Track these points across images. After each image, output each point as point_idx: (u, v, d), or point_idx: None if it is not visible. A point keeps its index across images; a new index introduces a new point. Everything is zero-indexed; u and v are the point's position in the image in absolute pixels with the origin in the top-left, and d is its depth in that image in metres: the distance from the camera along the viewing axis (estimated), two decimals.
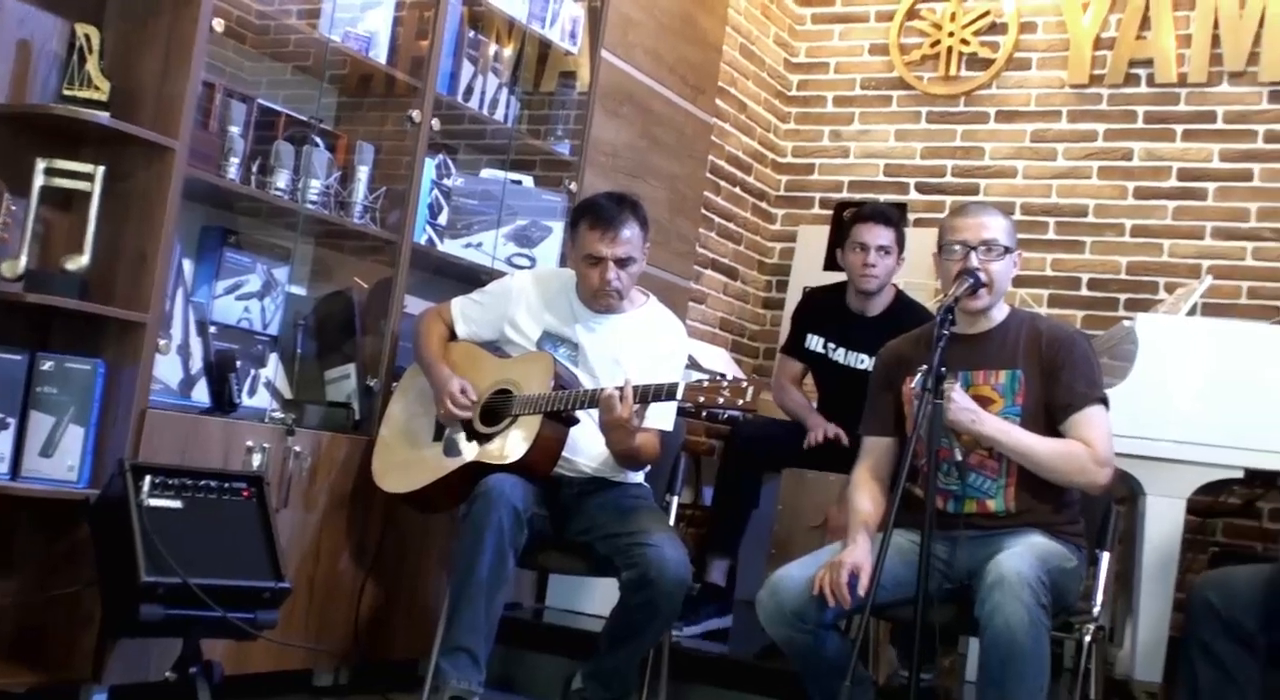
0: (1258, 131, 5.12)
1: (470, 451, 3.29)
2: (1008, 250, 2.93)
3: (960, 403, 2.77)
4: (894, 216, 4.16)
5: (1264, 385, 3.65)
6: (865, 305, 4.20)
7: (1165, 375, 3.69)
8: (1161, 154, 5.26)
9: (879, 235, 4.10)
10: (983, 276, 2.88)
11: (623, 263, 3.32)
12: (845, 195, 5.76)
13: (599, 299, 3.37)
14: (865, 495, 2.99)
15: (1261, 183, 5.09)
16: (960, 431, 2.84)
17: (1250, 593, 2.65)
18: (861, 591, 2.70)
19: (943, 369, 2.66)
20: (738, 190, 5.66)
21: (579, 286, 3.41)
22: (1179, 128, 5.24)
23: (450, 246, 3.99)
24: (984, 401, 2.89)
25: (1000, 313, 3.01)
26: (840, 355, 4.26)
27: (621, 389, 3.08)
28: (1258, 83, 5.13)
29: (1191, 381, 3.68)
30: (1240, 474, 3.64)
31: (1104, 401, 2.89)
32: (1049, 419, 2.89)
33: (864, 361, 4.16)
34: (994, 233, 2.92)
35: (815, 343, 4.32)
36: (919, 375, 2.72)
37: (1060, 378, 2.88)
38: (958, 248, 2.92)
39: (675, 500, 3.53)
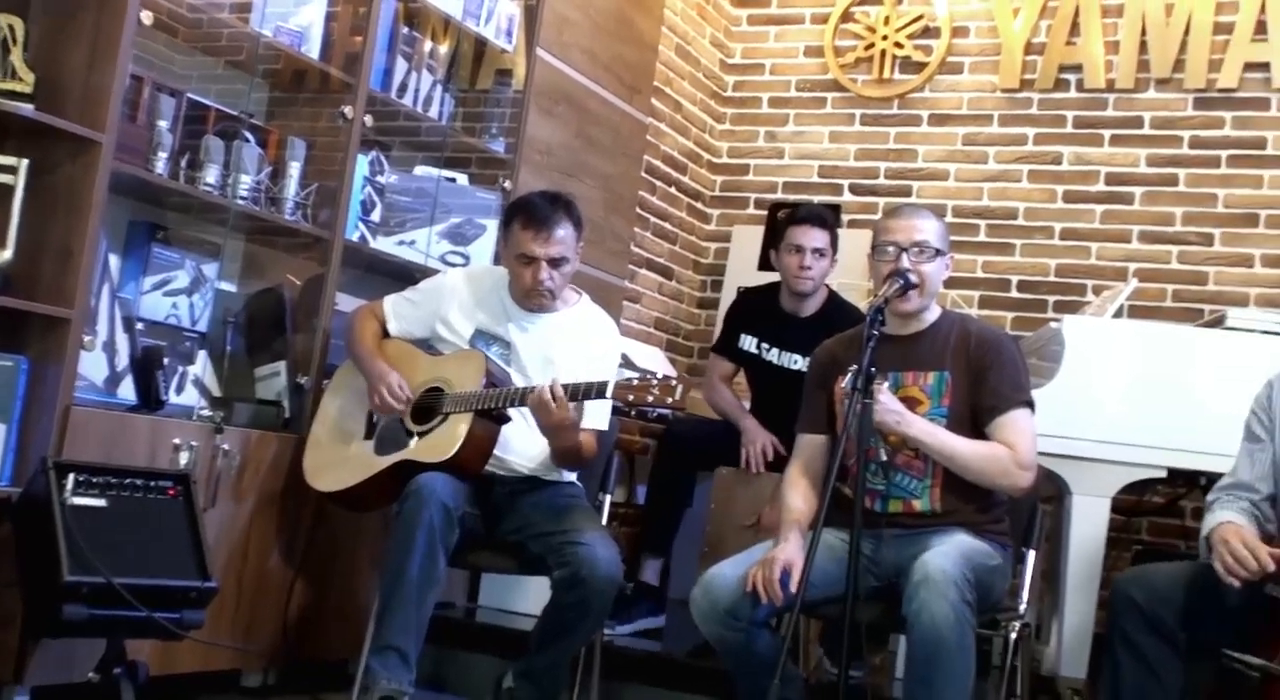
0: (1183, 137, 5.21)
1: (401, 450, 3.27)
2: (939, 253, 2.95)
3: (886, 404, 2.79)
4: (829, 218, 4.18)
5: (1186, 387, 3.72)
6: (798, 306, 4.22)
7: (1091, 376, 3.74)
8: (1090, 158, 5.34)
9: (814, 237, 4.12)
10: (913, 278, 2.91)
11: (556, 262, 3.31)
12: (780, 196, 5.79)
13: (531, 298, 3.37)
14: (797, 493, 3.01)
15: (1186, 188, 5.19)
16: (886, 433, 2.86)
17: (1171, 590, 2.70)
18: (793, 588, 2.72)
19: (872, 369, 2.68)
20: (673, 190, 5.67)
21: (512, 285, 3.41)
22: (1107, 133, 5.32)
23: (383, 244, 3.96)
24: (912, 402, 2.93)
25: (932, 314, 3.03)
26: (773, 356, 4.28)
27: (551, 389, 3.08)
28: (1183, 89, 5.22)
29: (1116, 383, 3.74)
30: (1163, 473, 3.70)
31: (1029, 404, 2.92)
32: (974, 421, 2.92)
33: (797, 362, 4.18)
34: (926, 235, 2.94)
35: (748, 343, 4.34)
36: (849, 375, 2.74)
37: (986, 380, 2.91)
38: (890, 248, 2.94)
39: (608, 499, 3.54)
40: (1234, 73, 5.13)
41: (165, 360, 3.31)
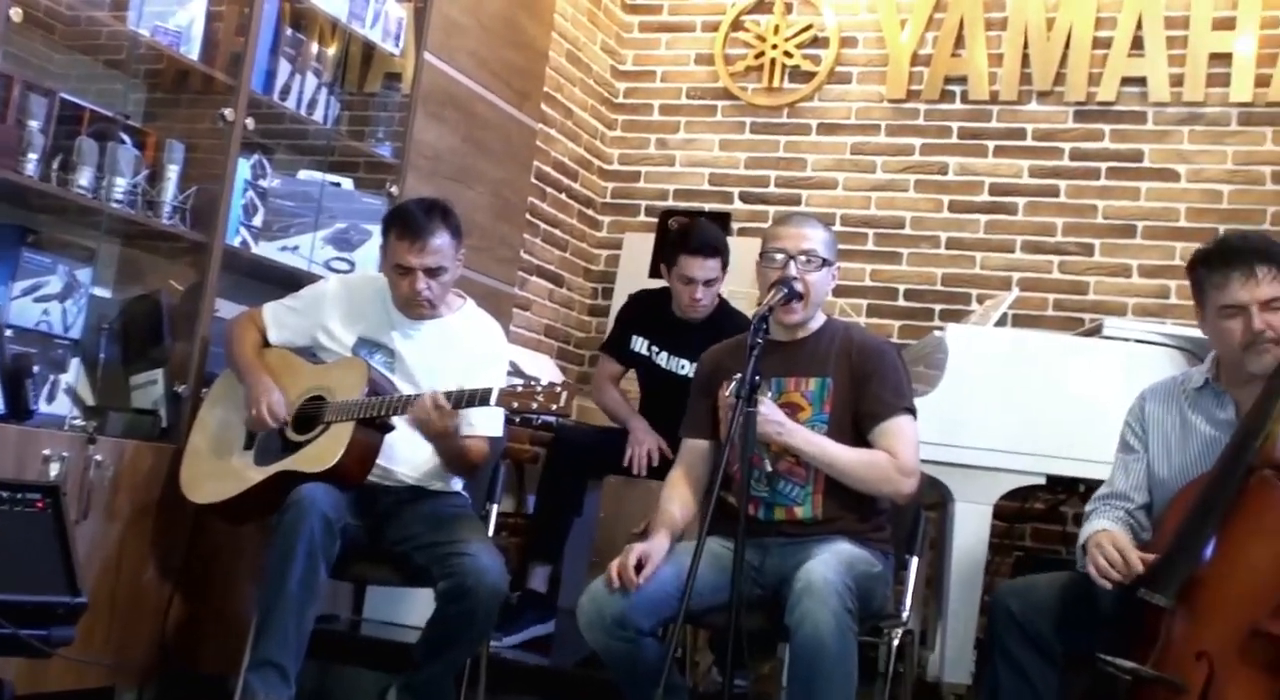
0: (1064, 149, 5.32)
1: (282, 460, 3.22)
2: (826, 263, 2.98)
3: (768, 415, 2.81)
4: (720, 244, 4.18)
5: (1065, 395, 3.79)
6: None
7: (973, 384, 3.80)
8: (974, 169, 5.43)
9: (706, 269, 4.13)
10: (799, 287, 2.93)
11: (433, 272, 3.29)
12: (671, 204, 5.81)
13: (411, 308, 3.34)
14: (675, 500, 3.03)
15: (1067, 199, 5.30)
16: (768, 442, 2.88)
17: (1048, 601, 2.75)
18: (642, 580, 2.74)
19: (757, 378, 2.69)
20: (563, 197, 5.66)
21: (394, 293, 3.38)
22: (991, 144, 5.42)
23: (265, 249, 3.89)
24: (794, 408, 2.95)
25: (816, 322, 3.06)
26: (663, 359, 4.29)
27: (433, 398, 3.06)
28: (1064, 102, 5.33)
29: (997, 391, 3.80)
30: (1043, 480, 3.78)
31: (911, 411, 2.96)
32: (856, 428, 2.95)
33: (685, 367, 4.20)
34: (814, 244, 2.97)
35: (640, 345, 4.35)
36: (733, 383, 2.75)
37: (868, 387, 2.94)
38: (778, 256, 2.96)
39: (494, 509, 3.51)
40: (1112, 86, 5.26)
41: (35, 368, 3.22)
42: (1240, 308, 2.69)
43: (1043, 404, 3.78)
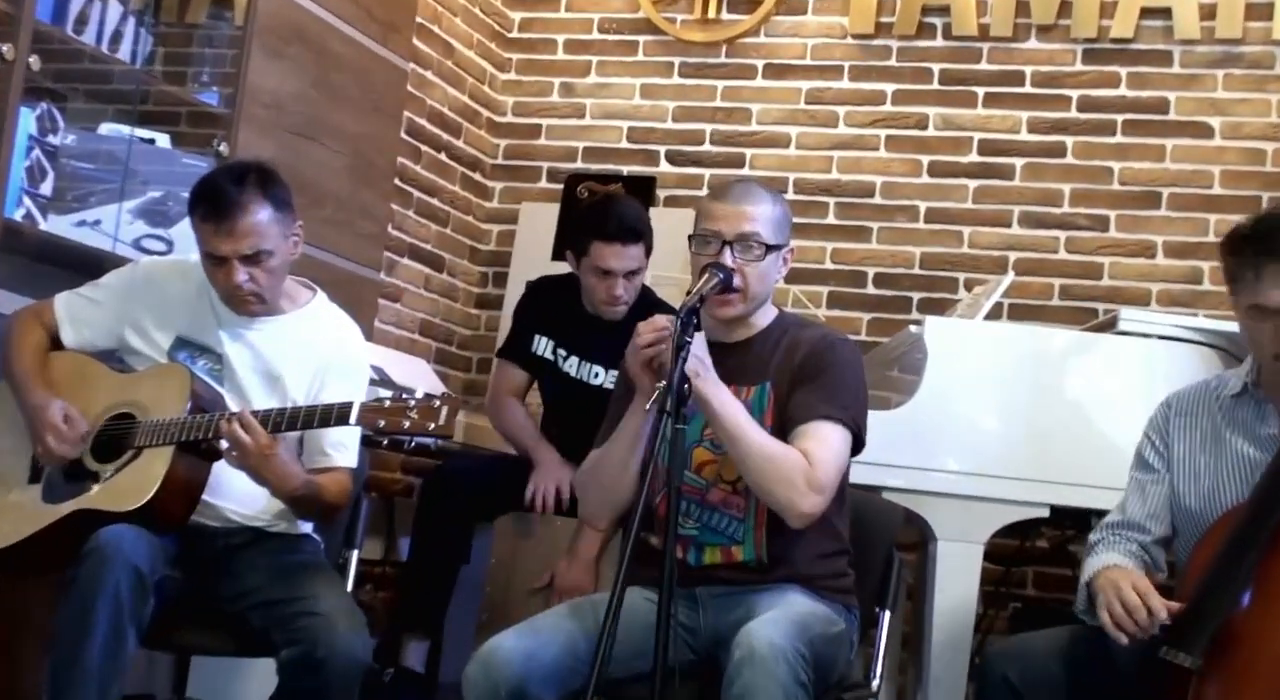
0: (1070, 97, 5.40)
1: (79, 496, 3.18)
2: (773, 248, 2.98)
3: (696, 351, 2.82)
4: (644, 226, 4.17)
5: (1073, 404, 3.85)
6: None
7: (958, 393, 3.84)
8: (960, 122, 5.49)
9: (626, 258, 4.12)
10: (736, 280, 2.95)
11: (253, 259, 3.26)
12: (579, 166, 5.82)
13: (234, 305, 3.32)
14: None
15: (1076, 159, 5.38)
16: (698, 387, 2.89)
17: (1050, 663, 2.78)
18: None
19: (686, 386, 2.70)
20: (443, 157, 5.65)
21: None
22: (980, 91, 5.49)
23: (57, 224, 3.84)
24: None
25: (765, 317, 3.07)
26: (572, 365, 4.29)
27: (240, 417, 3.03)
28: (1070, 39, 5.41)
29: (989, 401, 3.85)
30: (1046, 513, 3.82)
31: (845, 424, 2.97)
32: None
33: (600, 375, 4.20)
34: (757, 225, 2.97)
35: (543, 346, 4.34)
36: (656, 391, 2.75)
37: (797, 392, 2.97)
38: (711, 240, 2.97)
39: (355, 556, 3.50)
40: (1129, 20, 5.34)
41: None
42: (1274, 311, 2.73)
43: (1045, 417, 3.83)
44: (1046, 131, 5.41)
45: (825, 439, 2.93)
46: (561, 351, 4.32)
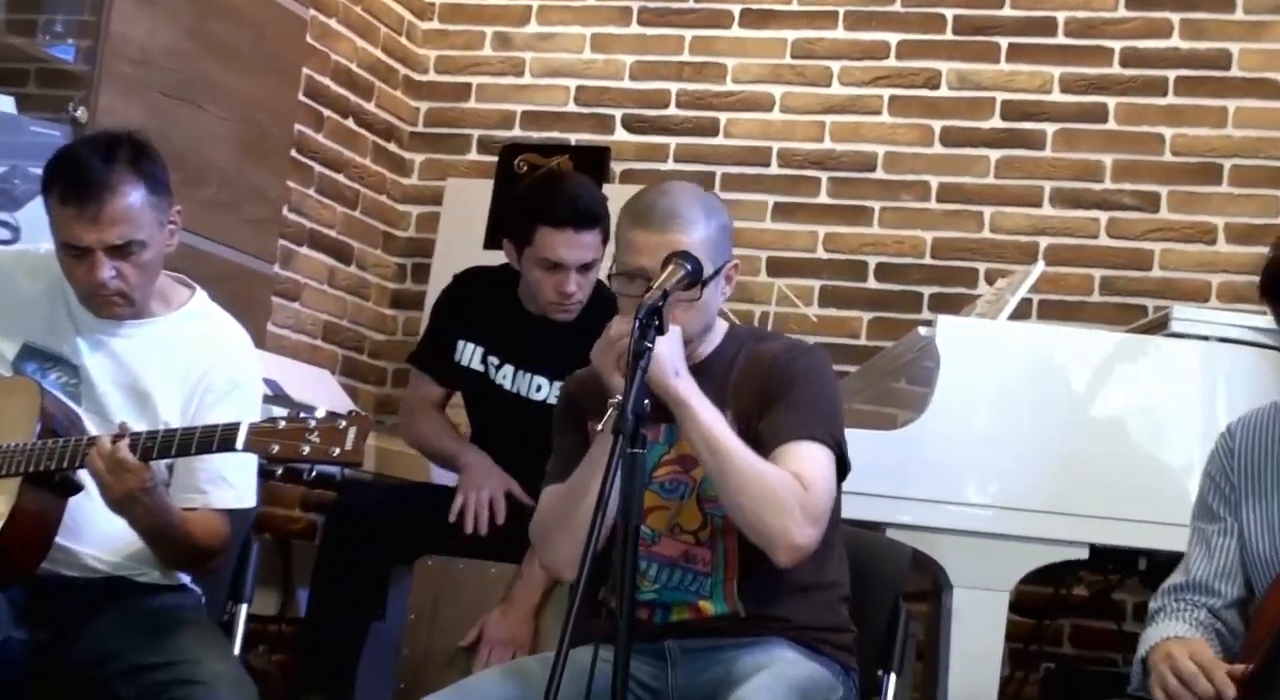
0: (1112, 50, 5.44)
1: None
2: (703, 278, 2.99)
3: (666, 353, 2.82)
4: (599, 209, 4.15)
5: (1117, 423, 3.85)
6: None
7: (977, 407, 3.85)
8: (980, 79, 5.53)
9: (581, 247, 4.07)
10: (671, 327, 2.96)
11: (121, 251, 3.23)
12: (518, 134, 5.84)
13: (95, 306, 3.30)
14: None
15: (1119, 125, 5.42)
16: (656, 388, 2.88)
17: None
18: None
19: (646, 403, 2.70)
20: (351, 124, 5.65)
21: None
22: (1004, 42, 5.53)
23: None
24: (689, 461, 2.99)
25: (714, 336, 3.09)
26: (507, 376, 4.26)
27: (116, 438, 3.02)
28: None
29: (1015, 417, 3.85)
30: (1085, 553, 3.83)
31: (828, 445, 2.99)
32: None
33: (543, 389, 4.18)
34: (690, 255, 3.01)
35: (471, 354, 4.31)
36: (609, 413, 2.76)
37: (777, 405, 2.98)
38: (636, 277, 2.99)
39: (244, 611, 3.48)
40: None
41: None
42: None
43: (1084, 437, 3.84)
44: (1083, 91, 5.44)
45: (814, 460, 2.94)
46: (493, 360, 4.29)
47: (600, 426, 2.84)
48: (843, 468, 3.03)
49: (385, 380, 5.86)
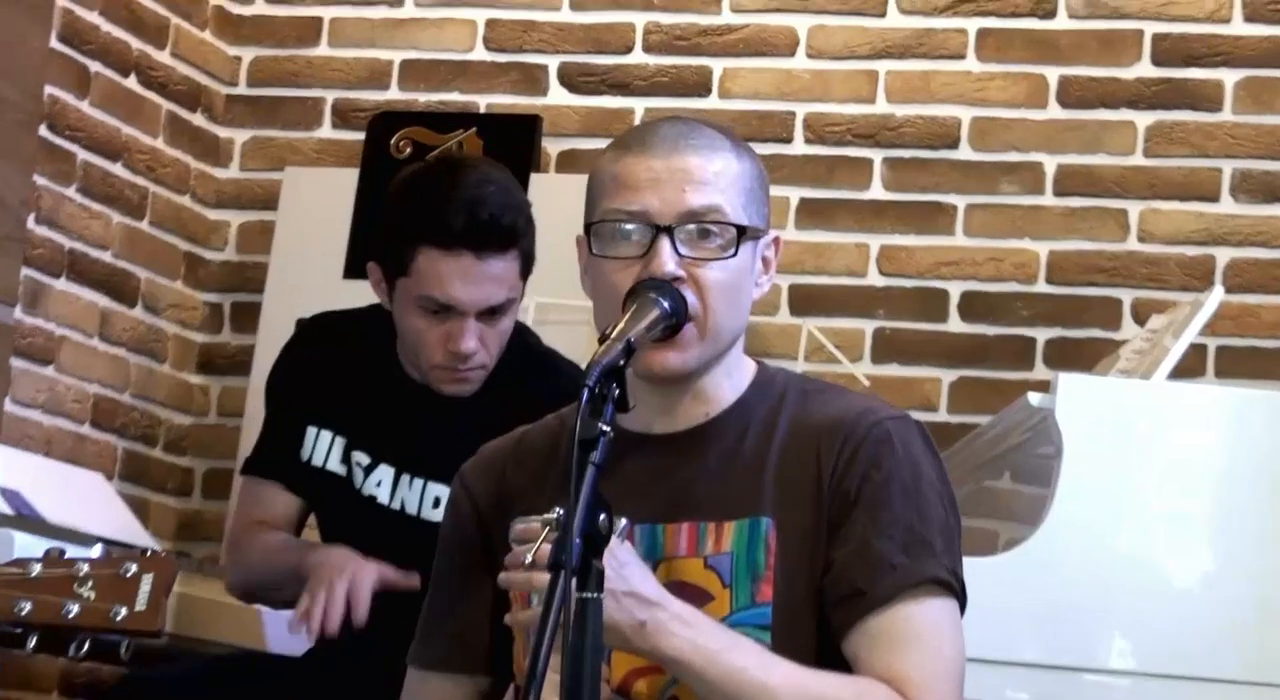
0: None
1: None
2: (743, 234, 2.99)
3: (625, 577, 2.80)
4: (517, 222, 4.15)
5: None
6: None
7: (1121, 520, 3.88)
8: (1119, 2, 5.55)
9: (485, 282, 4.07)
10: (692, 300, 2.94)
11: None
12: (394, 96, 5.89)
13: None
14: None
15: None
16: (621, 647, 2.87)
17: None
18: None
19: (605, 515, 2.69)
20: (133, 84, 5.66)
21: None
22: None
23: None
24: (689, 592, 2.97)
25: (736, 378, 3.09)
26: (382, 484, 4.29)
27: None
28: None
29: (1184, 532, 3.88)
30: None
31: (950, 588, 2.96)
32: (819, 623, 2.99)
33: (437, 499, 4.19)
34: (713, 192, 2.98)
35: (325, 449, 4.33)
36: (542, 530, 2.75)
37: (851, 528, 2.95)
38: (631, 228, 2.96)
39: None
40: None
41: None
42: None
43: None
44: (1275, 20, 5.47)
45: (930, 631, 2.94)
46: (360, 458, 4.30)
47: (524, 556, 2.83)
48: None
49: (192, 488, 5.84)
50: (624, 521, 2.80)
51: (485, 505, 3.14)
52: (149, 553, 2.97)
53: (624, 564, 2.80)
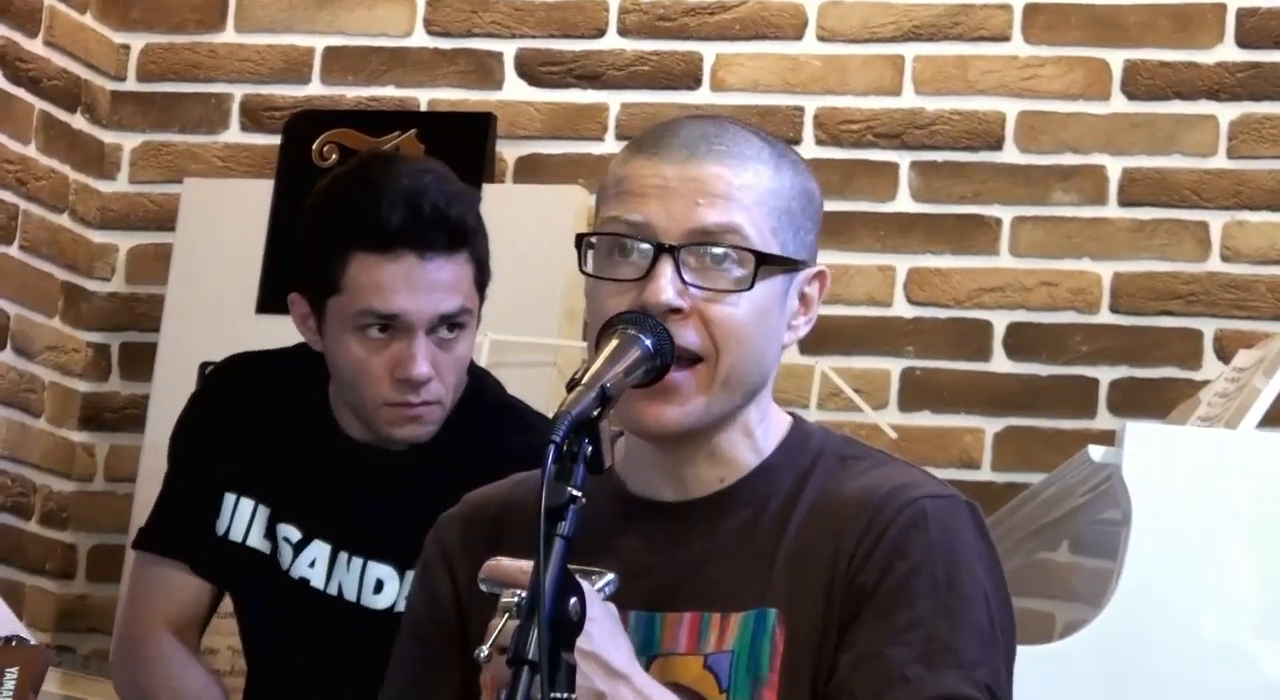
0: None
1: None
2: (770, 265, 3.03)
3: (592, 635, 2.83)
4: (464, 217, 4.16)
5: None
6: None
7: (1203, 598, 3.94)
8: None
9: (432, 287, 4.08)
10: (690, 336, 2.98)
11: None
12: (317, 91, 5.96)
13: None
14: None
15: None
16: None
17: None
18: None
19: (575, 600, 2.76)
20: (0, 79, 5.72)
21: None
22: None
23: None
24: (686, 695, 3.02)
25: (762, 439, 3.12)
26: (317, 563, 4.31)
27: None
28: None
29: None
30: None
31: (993, 693, 3.01)
32: None
33: (388, 587, 4.24)
34: (735, 209, 3.03)
35: (245, 520, 4.34)
36: (504, 612, 2.81)
37: (861, 630, 2.99)
38: (631, 247, 3.01)
39: None
40: None
41: None
42: None
43: None
44: None
45: None
46: (288, 532, 4.34)
47: (482, 650, 2.90)
48: None
49: (74, 569, 5.89)
50: (610, 576, 2.82)
51: (448, 582, 3.19)
52: (13, 641, 3.01)
53: (594, 620, 2.78)
